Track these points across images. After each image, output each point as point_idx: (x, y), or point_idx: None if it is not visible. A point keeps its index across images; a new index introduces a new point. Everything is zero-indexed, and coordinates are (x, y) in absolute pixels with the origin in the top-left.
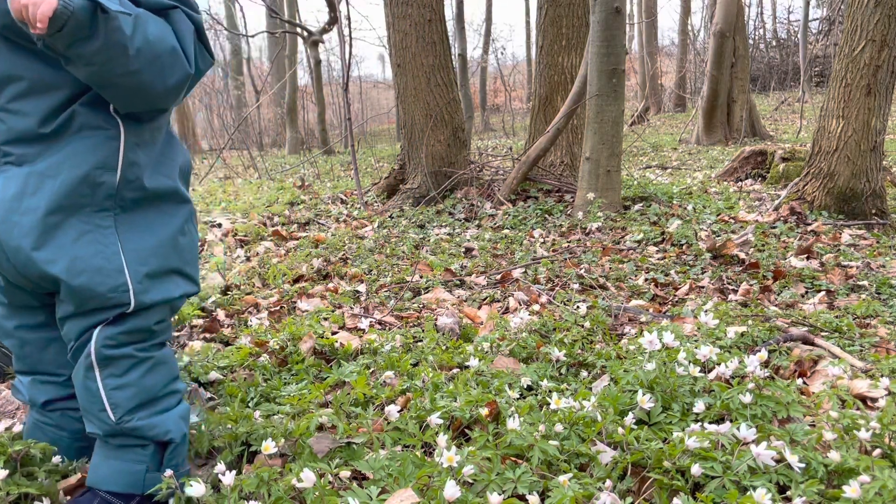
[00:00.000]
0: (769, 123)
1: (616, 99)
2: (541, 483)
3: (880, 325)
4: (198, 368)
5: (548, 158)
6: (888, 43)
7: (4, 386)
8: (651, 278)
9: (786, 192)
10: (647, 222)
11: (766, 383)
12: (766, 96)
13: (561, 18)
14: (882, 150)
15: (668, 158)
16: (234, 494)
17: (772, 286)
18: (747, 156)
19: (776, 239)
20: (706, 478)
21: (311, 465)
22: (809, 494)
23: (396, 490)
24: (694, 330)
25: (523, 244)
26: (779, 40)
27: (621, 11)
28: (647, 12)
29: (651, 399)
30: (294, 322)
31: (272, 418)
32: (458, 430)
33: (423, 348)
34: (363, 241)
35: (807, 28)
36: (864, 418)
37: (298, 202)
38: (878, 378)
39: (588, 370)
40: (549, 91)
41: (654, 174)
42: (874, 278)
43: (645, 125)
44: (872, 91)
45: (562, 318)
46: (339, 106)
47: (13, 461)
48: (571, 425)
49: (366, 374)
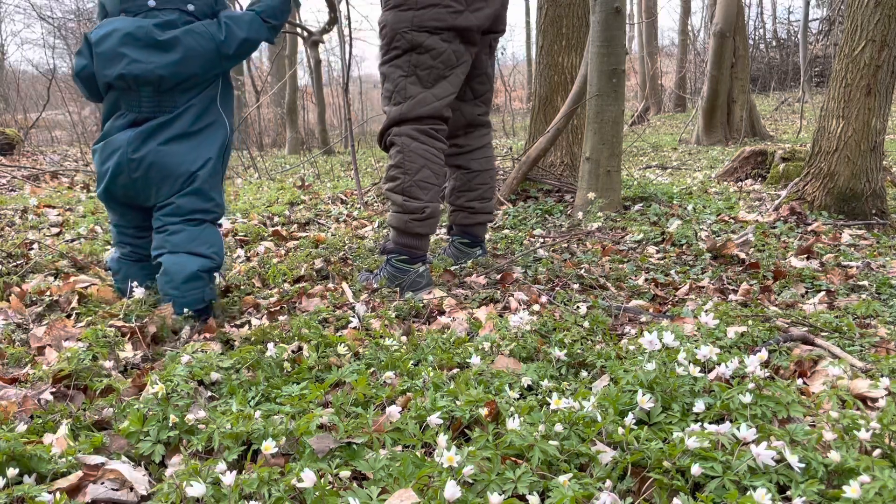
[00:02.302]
0: (769, 123)
1: (616, 99)
2: (541, 483)
3: (880, 325)
4: (198, 369)
5: (548, 158)
6: (888, 43)
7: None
8: (651, 278)
9: (786, 192)
10: (647, 222)
11: (766, 383)
12: (766, 96)
13: (561, 18)
14: (882, 150)
15: (668, 158)
16: (235, 494)
17: (772, 286)
18: (747, 156)
19: (776, 239)
20: (706, 478)
21: (311, 465)
22: (809, 494)
23: (396, 490)
24: (694, 330)
25: (523, 244)
26: (779, 40)
27: (621, 11)
28: (647, 12)
29: (651, 399)
30: (297, 323)
31: (272, 418)
32: (458, 431)
33: (423, 348)
34: (363, 241)
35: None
36: (865, 418)
37: (298, 202)
38: (879, 378)
39: (588, 370)
40: (549, 91)
41: (654, 174)
42: (874, 278)
43: (645, 125)
44: (872, 91)
45: (562, 318)
46: (339, 106)
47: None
48: (571, 425)
49: (366, 374)
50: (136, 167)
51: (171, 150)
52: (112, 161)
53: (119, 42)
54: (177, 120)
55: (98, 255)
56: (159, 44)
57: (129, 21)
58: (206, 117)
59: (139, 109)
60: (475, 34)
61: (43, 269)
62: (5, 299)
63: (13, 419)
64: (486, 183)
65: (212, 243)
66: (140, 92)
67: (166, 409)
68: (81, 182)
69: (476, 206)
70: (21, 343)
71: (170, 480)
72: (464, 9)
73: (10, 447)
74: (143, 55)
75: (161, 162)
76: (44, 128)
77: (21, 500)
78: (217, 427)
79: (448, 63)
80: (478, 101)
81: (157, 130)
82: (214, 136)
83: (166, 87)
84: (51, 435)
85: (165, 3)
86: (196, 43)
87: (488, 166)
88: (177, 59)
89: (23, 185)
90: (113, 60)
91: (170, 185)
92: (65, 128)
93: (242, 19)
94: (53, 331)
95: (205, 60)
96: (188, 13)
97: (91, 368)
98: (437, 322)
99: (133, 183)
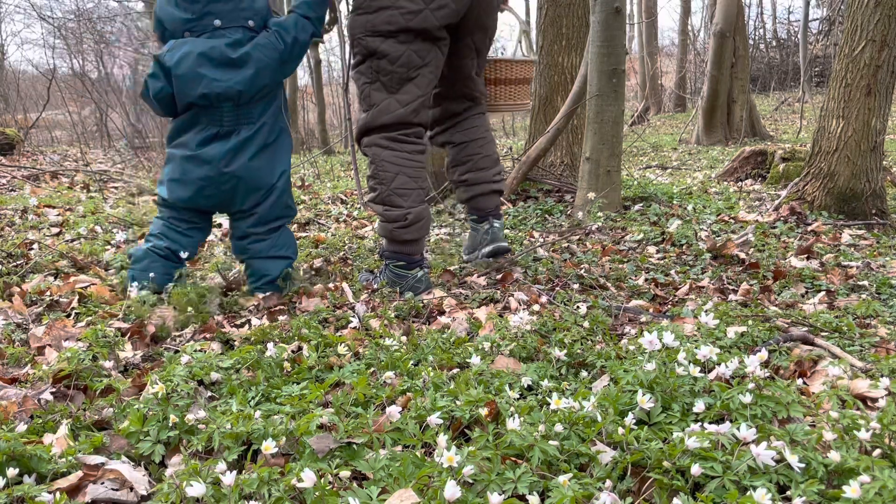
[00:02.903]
0: (769, 123)
1: (616, 99)
2: (541, 483)
3: (880, 325)
4: (198, 369)
5: (548, 158)
6: (888, 43)
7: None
8: (651, 278)
9: (786, 192)
10: (647, 222)
11: (766, 383)
12: (766, 96)
13: (561, 18)
14: (882, 150)
15: (668, 158)
16: (235, 494)
17: (772, 286)
18: (747, 156)
19: (776, 239)
20: (706, 478)
21: (311, 465)
22: (809, 494)
23: (396, 490)
24: (694, 330)
25: (523, 244)
26: (779, 40)
27: (621, 11)
28: (647, 12)
29: (651, 399)
30: (297, 323)
31: (272, 418)
32: (458, 431)
33: (423, 348)
34: (363, 241)
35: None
36: (864, 418)
37: (298, 202)
38: (879, 378)
39: (588, 370)
40: (549, 91)
41: (654, 174)
42: (874, 278)
43: (645, 125)
44: (872, 91)
45: (562, 318)
46: (338, 106)
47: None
48: (571, 425)
49: (366, 374)
50: (226, 180)
51: (256, 165)
52: (200, 173)
53: (196, 63)
54: (258, 134)
55: (98, 255)
56: (233, 62)
57: (200, 42)
58: (276, 126)
59: (221, 123)
60: (437, 32)
61: (43, 269)
62: (6, 299)
63: (13, 419)
64: (476, 153)
65: (289, 245)
66: (221, 108)
67: (166, 409)
68: (81, 182)
69: (469, 178)
70: (21, 343)
71: (170, 480)
72: (422, 8)
73: (10, 447)
74: (220, 74)
75: (248, 176)
76: (44, 128)
77: (21, 500)
78: (217, 427)
79: (411, 65)
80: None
81: (245, 145)
82: (286, 146)
83: (244, 101)
84: (51, 435)
85: (230, 22)
86: (264, 55)
87: (475, 136)
88: (251, 73)
89: (23, 185)
90: (194, 81)
91: (254, 196)
92: (65, 128)
93: (288, 23)
94: (53, 331)
95: (272, 71)
96: (250, 29)
97: (91, 368)
98: (437, 322)
99: (221, 194)
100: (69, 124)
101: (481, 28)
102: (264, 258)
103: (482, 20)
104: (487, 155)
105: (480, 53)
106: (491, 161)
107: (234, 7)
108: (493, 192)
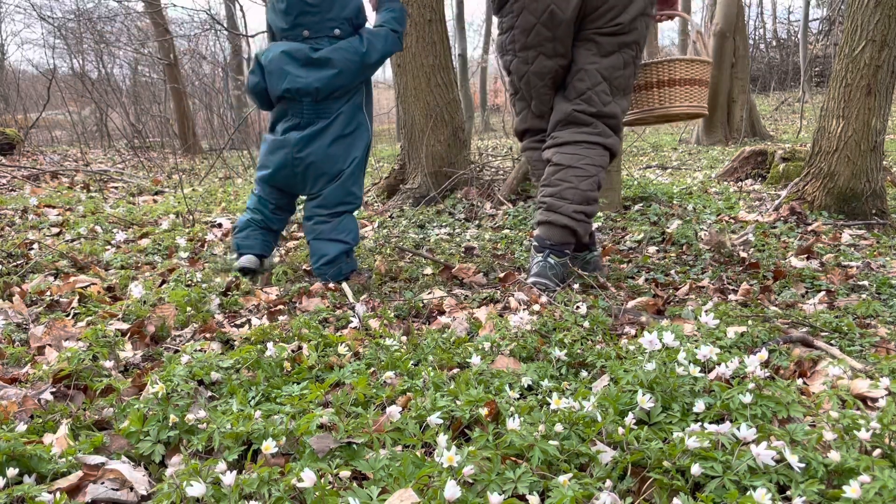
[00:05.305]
0: (769, 123)
1: None
2: (541, 483)
3: (880, 325)
4: (198, 369)
5: None
6: (888, 43)
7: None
8: (651, 278)
9: (786, 192)
10: (647, 222)
11: (766, 383)
12: (766, 96)
13: None
14: (882, 150)
15: (668, 158)
16: (235, 494)
17: (772, 286)
18: (747, 156)
19: (776, 239)
20: (706, 478)
21: (311, 465)
22: (809, 494)
23: (396, 490)
24: (694, 330)
25: (523, 244)
26: (779, 40)
27: None
28: None
29: (651, 399)
30: (297, 323)
31: (272, 418)
32: (458, 431)
33: (423, 348)
34: (363, 240)
35: (807, 28)
36: (865, 418)
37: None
38: (879, 378)
39: (588, 370)
40: None
41: (654, 174)
42: (874, 278)
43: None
44: (872, 91)
45: (562, 318)
46: None
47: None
48: (571, 425)
49: (366, 374)
50: (298, 164)
51: (328, 152)
52: (279, 156)
53: (282, 61)
54: (332, 125)
55: (98, 255)
56: (314, 61)
57: (288, 43)
58: (354, 121)
59: (301, 115)
60: (546, 29)
61: (43, 269)
62: (6, 299)
63: (13, 419)
64: (566, 181)
65: (349, 230)
66: (302, 102)
67: (166, 408)
68: (81, 182)
69: (548, 203)
70: (21, 343)
71: (170, 480)
72: (519, 12)
73: (10, 447)
74: (301, 72)
75: (318, 161)
76: (44, 128)
77: (21, 500)
78: (217, 427)
79: (520, 77)
80: (578, 99)
81: (319, 134)
82: (361, 138)
83: (322, 97)
84: (51, 435)
85: (316, 33)
86: (343, 58)
87: (572, 163)
88: (332, 73)
89: (23, 185)
90: (279, 77)
91: (322, 180)
92: (65, 128)
93: (380, 35)
94: (53, 331)
95: (351, 72)
96: (336, 37)
97: (91, 368)
98: (437, 322)
99: (294, 176)
100: (69, 124)
101: (588, 39)
102: (325, 240)
103: (592, 34)
104: (573, 187)
105: (590, 75)
106: (574, 195)
107: (320, 19)
108: (565, 227)
